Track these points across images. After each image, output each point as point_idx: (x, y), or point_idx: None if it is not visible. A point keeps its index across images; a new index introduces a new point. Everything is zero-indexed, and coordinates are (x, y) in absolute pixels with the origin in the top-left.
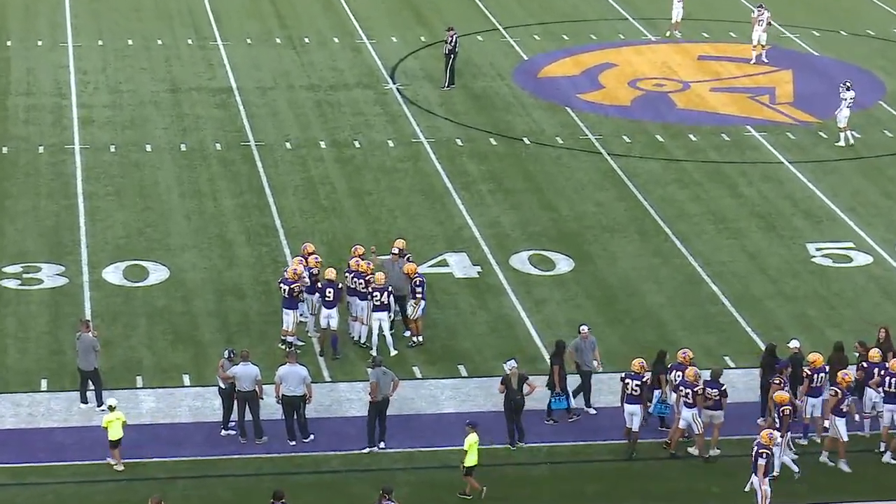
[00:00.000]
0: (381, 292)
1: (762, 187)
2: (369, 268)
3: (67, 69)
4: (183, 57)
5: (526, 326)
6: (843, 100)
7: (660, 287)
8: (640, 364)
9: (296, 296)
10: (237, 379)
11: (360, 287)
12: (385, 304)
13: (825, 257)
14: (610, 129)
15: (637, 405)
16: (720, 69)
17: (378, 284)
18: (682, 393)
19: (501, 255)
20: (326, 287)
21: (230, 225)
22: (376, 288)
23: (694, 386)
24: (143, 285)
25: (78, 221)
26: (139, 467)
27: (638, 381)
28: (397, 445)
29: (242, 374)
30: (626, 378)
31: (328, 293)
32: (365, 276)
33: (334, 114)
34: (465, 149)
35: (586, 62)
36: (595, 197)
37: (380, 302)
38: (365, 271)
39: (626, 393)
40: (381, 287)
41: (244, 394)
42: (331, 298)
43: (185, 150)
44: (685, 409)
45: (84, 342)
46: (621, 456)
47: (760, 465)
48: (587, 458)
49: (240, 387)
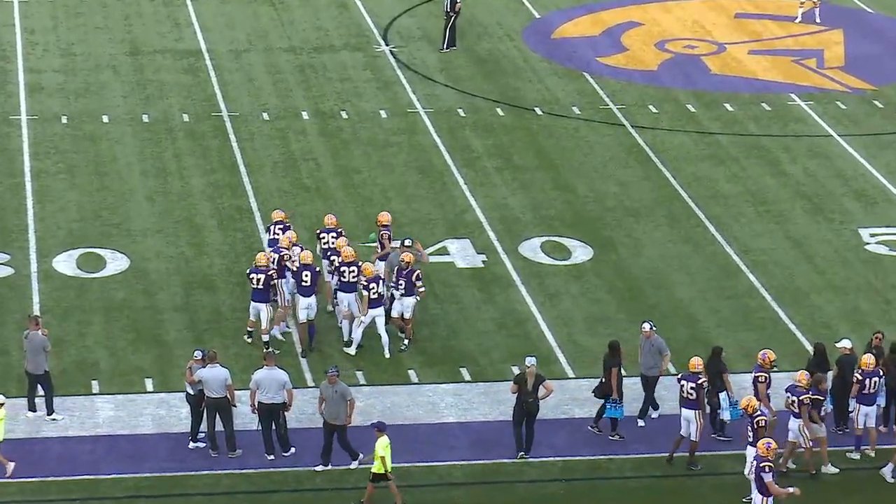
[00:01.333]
0: (377, 283)
1: (808, 164)
2: (355, 254)
3: (12, 28)
4: (145, 14)
5: (538, 323)
6: None
7: (691, 279)
8: (697, 362)
9: (272, 286)
10: (204, 384)
11: (351, 277)
12: (381, 298)
13: (880, 244)
14: (634, 97)
15: (693, 410)
16: (760, 29)
17: (367, 275)
18: (789, 401)
19: (510, 241)
20: (303, 271)
21: (199, 207)
22: (371, 279)
23: (803, 393)
24: (99, 276)
25: (25, 203)
26: (95, 485)
27: (693, 382)
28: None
29: (210, 379)
30: (682, 379)
31: (305, 277)
32: (357, 264)
33: (318, 80)
34: (468, 120)
35: (607, 21)
36: (617, 175)
37: (376, 294)
38: (352, 258)
39: (681, 396)
40: (374, 278)
41: (214, 401)
42: (308, 283)
43: (147, 121)
44: (791, 420)
45: (33, 342)
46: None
47: (768, 482)
48: (607, 475)
49: (208, 393)
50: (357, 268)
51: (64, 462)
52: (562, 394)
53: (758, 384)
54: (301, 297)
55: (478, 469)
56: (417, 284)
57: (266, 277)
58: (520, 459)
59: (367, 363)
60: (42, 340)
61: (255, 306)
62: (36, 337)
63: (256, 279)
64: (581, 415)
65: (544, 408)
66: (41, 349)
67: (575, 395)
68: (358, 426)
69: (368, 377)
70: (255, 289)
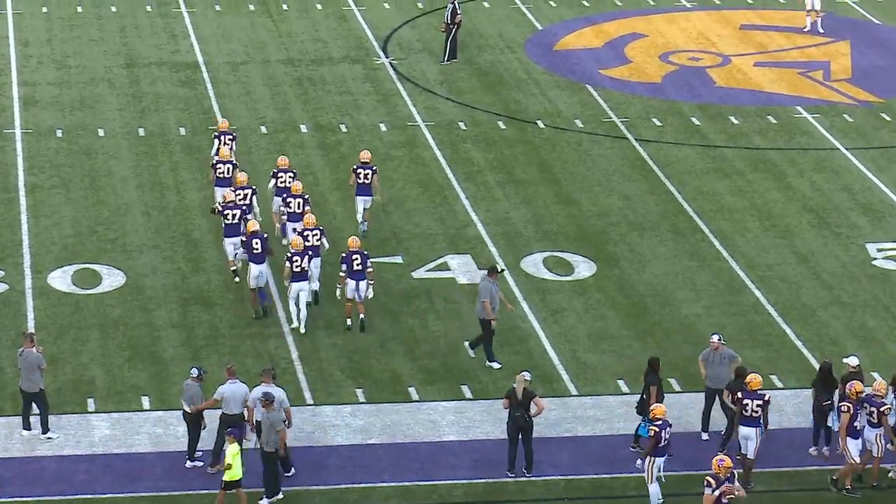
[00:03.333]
0: (301, 257)
1: (815, 178)
2: (315, 221)
3: (6, 40)
4: (141, 26)
5: (540, 340)
6: None
7: (696, 295)
8: (759, 380)
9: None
10: (224, 400)
11: (314, 241)
12: (305, 272)
13: (888, 259)
14: (638, 110)
15: (755, 428)
16: (766, 40)
17: (294, 248)
18: (867, 410)
19: (512, 257)
20: (252, 238)
21: (196, 222)
22: (296, 252)
23: (882, 403)
24: (94, 292)
25: (19, 218)
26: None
27: (759, 400)
28: (391, 479)
29: (230, 394)
30: (746, 398)
31: (255, 245)
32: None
33: (317, 93)
34: (469, 133)
35: (610, 32)
36: (621, 189)
37: (299, 269)
38: (313, 225)
39: (742, 414)
40: (300, 251)
41: (231, 417)
42: (258, 251)
43: (143, 134)
44: (868, 430)
45: (28, 359)
46: None
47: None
48: (611, 494)
49: (226, 409)
50: (321, 231)
51: (59, 481)
52: (565, 411)
53: (841, 413)
54: (252, 264)
55: (479, 488)
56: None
57: (232, 214)
58: (522, 479)
59: (366, 380)
60: (37, 358)
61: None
62: (31, 355)
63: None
64: (584, 433)
65: (546, 425)
66: (36, 367)
67: (578, 413)
68: (356, 444)
69: (368, 395)
70: (224, 225)
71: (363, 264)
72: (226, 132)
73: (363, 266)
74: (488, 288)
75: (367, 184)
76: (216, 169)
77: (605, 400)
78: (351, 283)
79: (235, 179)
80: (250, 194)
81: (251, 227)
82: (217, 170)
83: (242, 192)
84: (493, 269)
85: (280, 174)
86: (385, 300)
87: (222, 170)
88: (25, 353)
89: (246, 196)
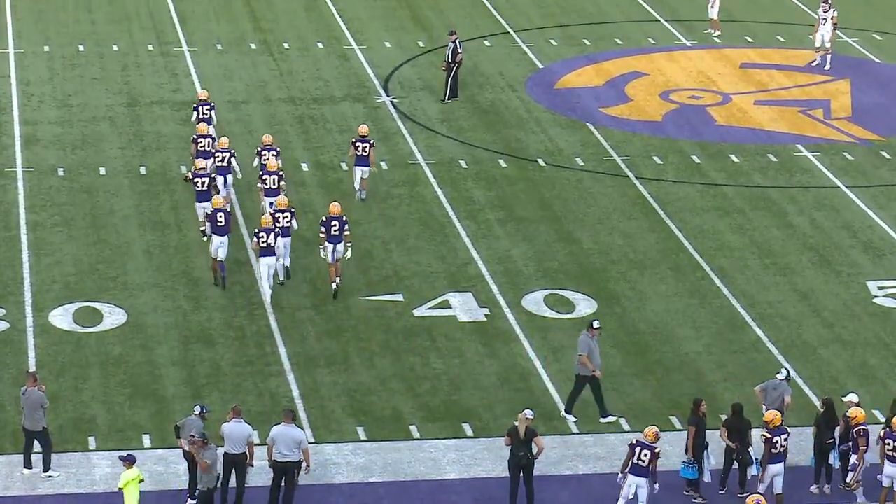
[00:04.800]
0: (268, 234)
1: (815, 216)
2: (288, 202)
3: (8, 79)
4: (143, 65)
5: (541, 378)
6: None
7: (697, 332)
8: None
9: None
10: (226, 438)
11: (285, 222)
12: (272, 248)
13: (889, 297)
14: (638, 148)
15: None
16: (766, 79)
17: (262, 225)
18: (890, 446)
19: (513, 295)
20: (217, 213)
21: (197, 260)
22: (263, 228)
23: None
24: (96, 331)
25: (20, 256)
26: None
27: (785, 434)
28: None
29: (232, 434)
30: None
31: (219, 218)
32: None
33: (318, 131)
34: (470, 171)
35: (611, 71)
36: (621, 227)
37: (266, 244)
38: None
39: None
40: (266, 228)
41: (233, 457)
42: (222, 224)
43: (144, 173)
44: (889, 465)
45: (30, 398)
46: None
47: None
48: None
49: (228, 448)
50: (291, 213)
51: None
52: (566, 450)
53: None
54: (215, 236)
55: None
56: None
57: (208, 181)
58: None
59: (367, 418)
60: (39, 397)
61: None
62: (33, 393)
63: (197, 182)
64: (585, 471)
65: (548, 463)
66: (38, 406)
67: (579, 452)
68: (358, 482)
69: (369, 433)
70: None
71: (340, 229)
72: (204, 102)
73: (340, 230)
74: (587, 343)
75: (365, 156)
76: (197, 143)
77: (606, 438)
78: (329, 246)
79: (219, 143)
80: (229, 156)
81: (216, 202)
82: (198, 143)
83: (222, 154)
84: (592, 324)
85: (263, 152)
86: (386, 338)
87: (203, 143)
88: (28, 391)
89: (225, 158)
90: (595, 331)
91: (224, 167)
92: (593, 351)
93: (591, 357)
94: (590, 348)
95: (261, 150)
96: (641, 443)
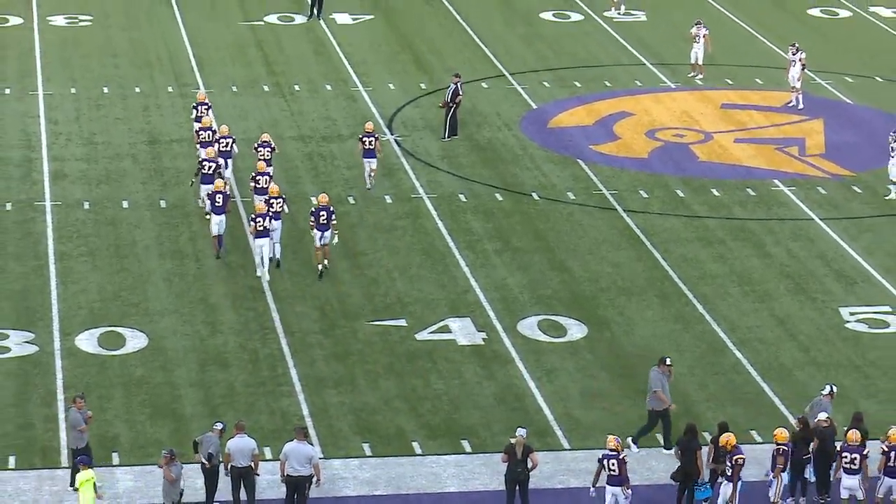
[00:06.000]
0: (263, 218)
1: (791, 246)
2: (278, 190)
3: (37, 119)
4: (163, 106)
5: (535, 398)
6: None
7: (681, 355)
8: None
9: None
10: (232, 453)
11: (278, 207)
12: (266, 230)
13: (860, 322)
14: (626, 183)
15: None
16: (745, 118)
17: (259, 211)
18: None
19: (509, 320)
20: (216, 195)
21: (214, 288)
22: (258, 214)
23: None
24: (119, 353)
25: (49, 284)
26: None
27: (858, 453)
28: None
29: (237, 448)
30: (844, 451)
31: (217, 199)
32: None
33: (326, 167)
34: (468, 205)
35: (600, 111)
36: (610, 257)
37: (262, 227)
38: (277, 193)
39: (843, 467)
40: (262, 214)
41: (240, 470)
42: (220, 204)
43: (164, 206)
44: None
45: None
46: None
47: None
48: None
49: (235, 462)
50: (283, 199)
51: None
52: (558, 464)
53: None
54: (214, 214)
55: None
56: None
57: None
58: None
59: (373, 436)
60: (73, 418)
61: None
62: (71, 414)
63: (206, 165)
64: (576, 484)
65: (541, 477)
66: (72, 426)
67: (571, 467)
68: (364, 495)
69: (374, 449)
70: (203, 174)
71: (328, 218)
72: (203, 103)
73: (328, 219)
74: (659, 378)
75: (371, 149)
76: (199, 135)
77: (596, 454)
78: (318, 233)
79: (220, 130)
80: (231, 142)
81: (217, 185)
82: (200, 136)
83: (224, 140)
84: (663, 360)
85: (260, 148)
86: (390, 360)
87: (204, 136)
88: (70, 412)
89: (228, 144)
90: (667, 367)
91: (226, 152)
92: (664, 385)
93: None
94: (662, 384)
95: (258, 146)
96: (607, 454)
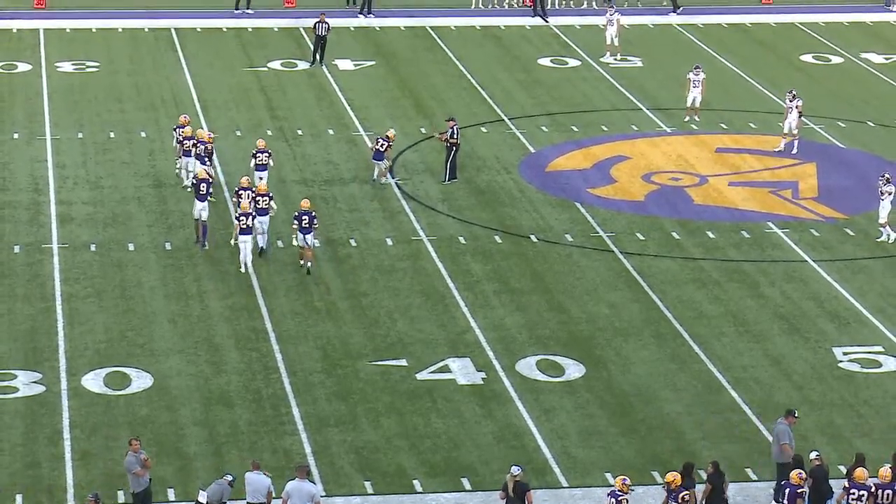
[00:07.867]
0: (247, 217)
1: (785, 287)
2: (266, 188)
3: (45, 163)
4: (168, 150)
5: (534, 436)
6: (887, 193)
7: (677, 394)
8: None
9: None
10: (247, 486)
11: (263, 204)
12: (250, 229)
13: (853, 362)
14: (623, 225)
15: None
16: (739, 162)
17: (242, 209)
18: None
19: (507, 360)
20: (200, 183)
21: (218, 328)
22: (243, 213)
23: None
24: (124, 393)
25: (56, 325)
26: None
27: (865, 490)
28: None
29: (254, 483)
30: (852, 487)
31: (202, 188)
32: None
33: (329, 210)
34: (468, 247)
35: (597, 155)
36: (607, 298)
37: (245, 226)
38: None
39: None
40: (246, 213)
41: None
42: (203, 193)
43: (169, 248)
44: None
45: (125, 462)
46: None
47: None
48: None
49: (250, 498)
50: (269, 197)
51: None
52: (556, 502)
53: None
54: (197, 201)
55: None
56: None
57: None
58: None
59: (374, 474)
60: (127, 461)
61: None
62: (127, 458)
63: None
64: None
65: None
66: (127, 469)
67: None
68: None
69: (376, 487)
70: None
71: (310, 222)
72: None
73: (310, 224)
74: (787, 431)
75: (382, 150)
76: (182, 144)
77: (593, 491)
78: (300, 236)
79: (202, 137)
80: (211, 146)
81: (200, 174)
82: (183, 145)
83: (203, 145)
84: (791, 412)
85: (258, 154)
86: (391, 400)
87: (188, 145)
88: (127, 456)
89: (207, 148)
90: (794, 419)
91: (203, 156)
92: (791, 439)
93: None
94: (789, 437)
95: (255, 152)
96: (614, 493)
